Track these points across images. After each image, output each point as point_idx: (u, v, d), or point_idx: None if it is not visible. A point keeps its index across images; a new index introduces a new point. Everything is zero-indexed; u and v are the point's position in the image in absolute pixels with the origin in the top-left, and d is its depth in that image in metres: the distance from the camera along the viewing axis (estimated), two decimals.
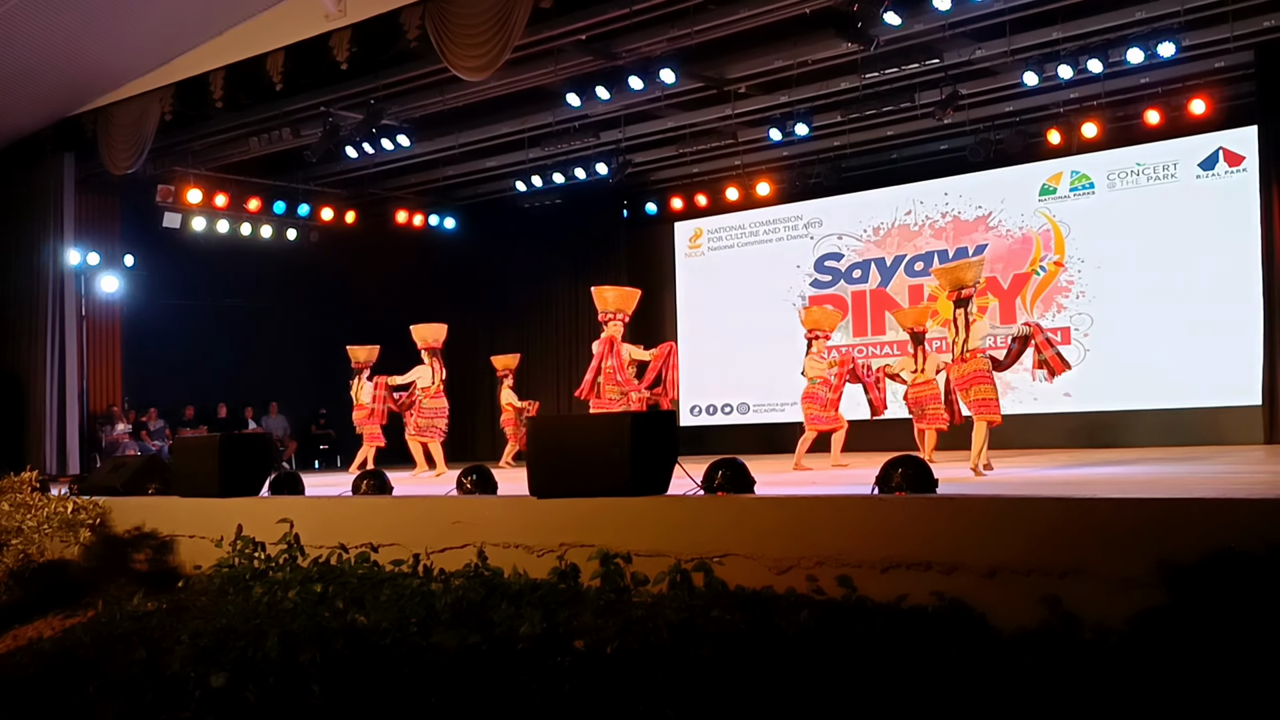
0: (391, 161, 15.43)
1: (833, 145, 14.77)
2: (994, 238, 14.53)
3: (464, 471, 7.06)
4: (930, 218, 15.06)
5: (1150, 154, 13.42)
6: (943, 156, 14.72)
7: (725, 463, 5.90)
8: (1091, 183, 13.90)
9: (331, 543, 6.23)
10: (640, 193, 17.06)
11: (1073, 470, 9.12)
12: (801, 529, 4.99)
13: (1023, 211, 14.34)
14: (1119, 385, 13.51)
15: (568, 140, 14.15)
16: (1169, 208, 13.31)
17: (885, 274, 15.38)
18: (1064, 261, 14.03)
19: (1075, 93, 12.85)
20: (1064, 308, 13.98)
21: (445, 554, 5.92)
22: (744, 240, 16.65)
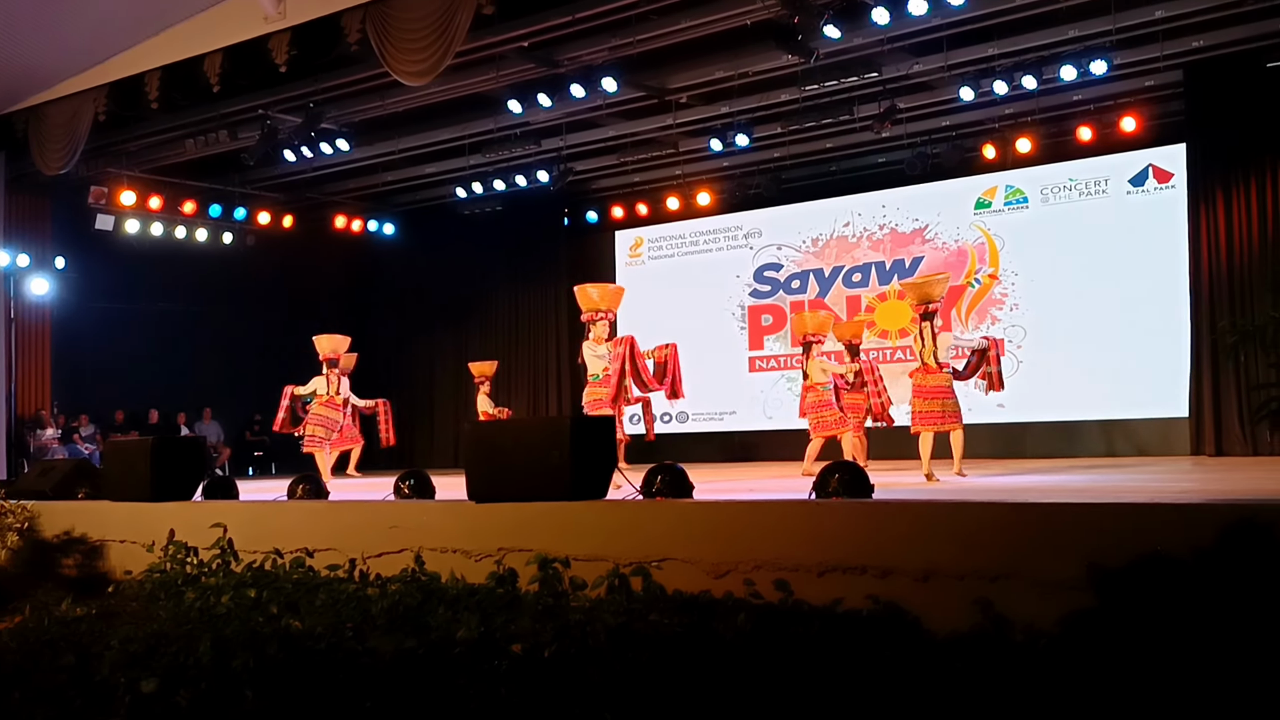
0: (330, 166, 15.31)
1: (773, 157, 14.91)
2: (930, 250, 14.74)
3: (401, 476, 7.01)
4: (868, 229, 15.24)
5: (1082, 169, 13.70)
6: (881, 169, 14.91)
7: (664, 468, 5.92)
8: (1025, 197, 14.15)
9: (266, 548, 6.14)
10: (581, 201, 17.07)
11: (1005, 479, 9.27)
12: (739, 533, 5.01)
13: (958, 224, 14.56)
14: (1051, 397, 13.75)
15: (509, 147, 14.15)
16: (1100, 222, 13.59)
17: (824, 284, 15.53)
18: (998, 274, 14.27)
19: (1010, 108, 13.09)
20: (998, 319, 14.20)
21: (382, 559, 5.86)
22: (684, 249, 16.73)
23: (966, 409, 13.73)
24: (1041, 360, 13.88)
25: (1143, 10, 10.63)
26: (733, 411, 15.87)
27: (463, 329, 17.90)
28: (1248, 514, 3.81)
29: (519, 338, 17.38)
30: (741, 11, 10.47)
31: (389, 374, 18.31)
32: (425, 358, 18.16)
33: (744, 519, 5.11)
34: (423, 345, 18.27)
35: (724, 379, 15.60)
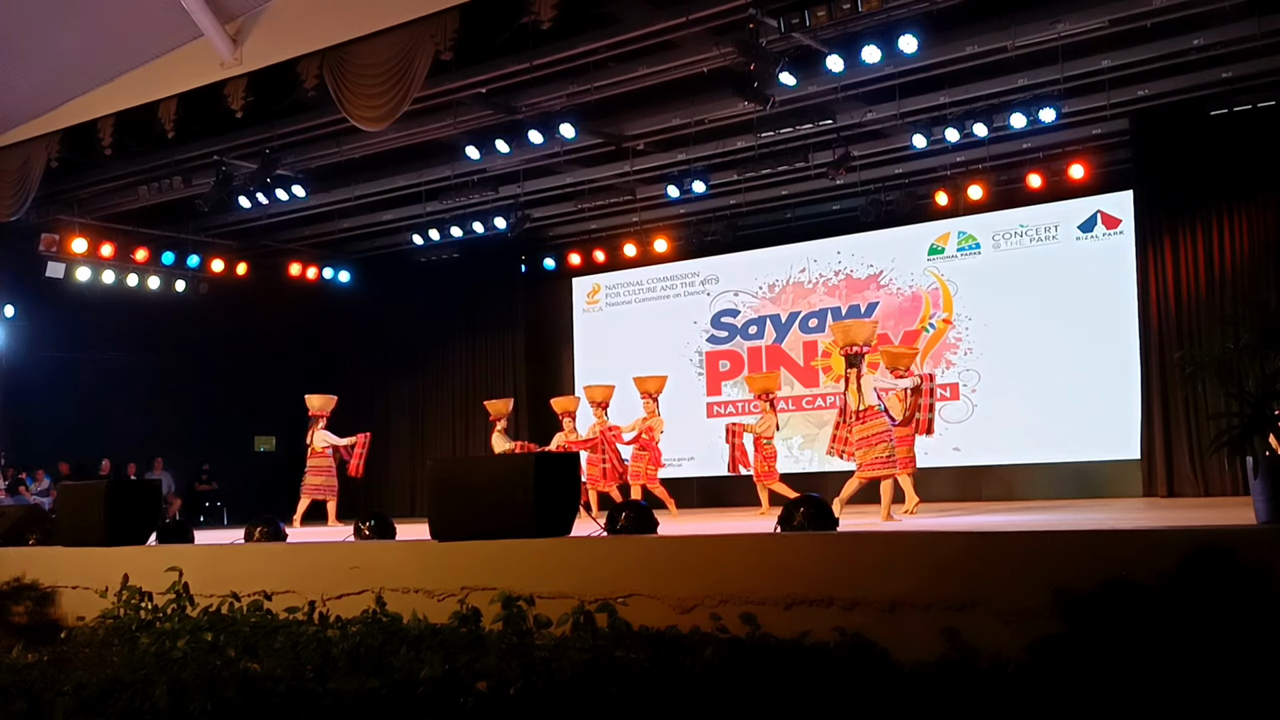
0: (285, 212, 15.25)
1: (729, 203, 15.05)
2: (885, 295, 14.90)
3: (362, 517, 6.93)
4: (824, 275, 15.39)
5: (1033, 216, 13.95)
6: (836, 216, 15.10)
7: (628, 504, 5.91)
8: (978, 243, 14.37)
9: (223, 591, 6.05)
10: (538, 248, 17.12)
11: (964, 518, 9.33)
12: (705, 568, 5.02)
13: (912, 270, 14.75)
14: (1005, 439, 13.89)
15: (466, 194, 14.18)
16: (1051, 267, 13.82)
17: (780, 330, 15.64)
18: (952, 319, 14.45)
19: (961, 156, 13.34)
20: (953, 363, 14.36)
21: (343, 600, 5.81)
22: (641, 296, 16.80)
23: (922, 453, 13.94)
24: (996, 403, 14.03)
25: (1089, 60, 10.89)
26: (690, 458, 15.86)
27: (419, 376, 17.82)
28: (1209, 539, 3.86)
29: (475, 385, 17.32)
30: (698, 59, 10.62)
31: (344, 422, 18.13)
32: (381, 406, 18.03)
33: (709, 553, 5.11)
34: (378, 393, 18.15)
35: (682, 425, 15.60)
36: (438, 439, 17.48)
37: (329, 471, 13.10)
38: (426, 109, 11.62)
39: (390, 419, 17.91)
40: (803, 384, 15.39)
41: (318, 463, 13.10)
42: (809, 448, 15.14)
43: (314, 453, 13.08)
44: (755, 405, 12.40)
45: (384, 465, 17.74)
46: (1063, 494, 13.17)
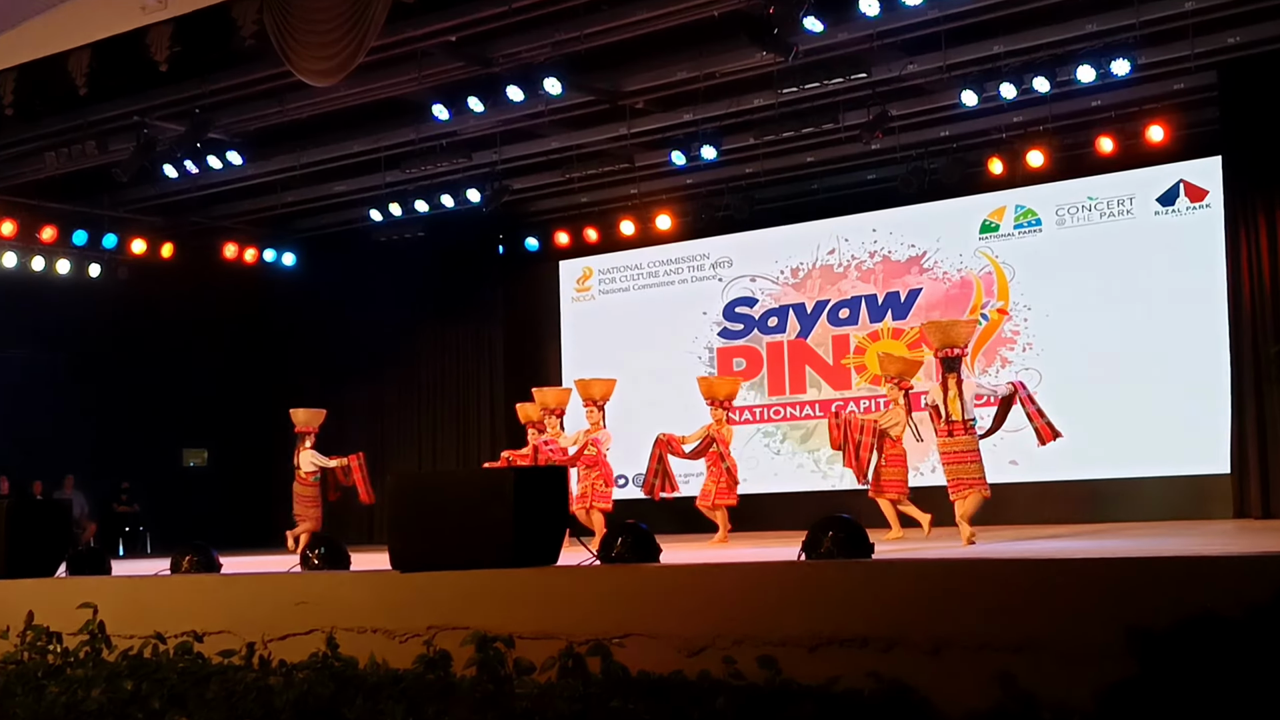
0: (220, 184, 15.28)
1: (744, 172, 15.07)
2: (929, 281, 14.93)
3: (310, 543, 6.95)
4: (857, 257, 15.41)
5: (1103, 187, 13.97)
6: (871, 187, 15.12)
7: (625, 528, 5.93)
8: (1038, 219, 14.39)
9: (145, 632, 6.06)
10: (519, 225, 17.14)
11: (1022, 544, 9.35)
12: (715, 603, 5.03)
13: (961, 251, 14.77)
14: (1071, 452, 13.83)
15: (433, 161, 14.19)
16: (1125, 248, 13.84)
17: (805, 322, 15.67)
18: (1008, 309, 14.47)
19: (1019, 116, 13.35)
20: (1009, 361, 14.38)
21: (287, 642, 5.83)
22: (641, 282, 16.82)
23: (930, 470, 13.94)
24: (1059, 409, 13.94)
25: (1171, 2, 10.89)
26: (699, 474, 15.86)
27: (378, 377, 17.82)
28: None
29: (445, 387, 17.33)
30: (708, 1, 10.61)
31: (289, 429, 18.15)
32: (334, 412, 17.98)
33: (721, 586, 5.13)
34: (331, 397, 18.10)
35: None
36: (400, 450, 17.48)
37: (316, 501, 13.18)
38: (386, 60, 11.63)
39: (344, 427, 17.85)
40: (832, 386, 15.40)
41: (304, 490, 13.16)
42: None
43: (300, 478, 13.16)
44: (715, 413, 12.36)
45: None
46: (1139, 515, 13.18)
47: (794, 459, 15.61)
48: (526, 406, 13.33)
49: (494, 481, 5.81)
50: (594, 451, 12.23)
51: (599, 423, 12.41)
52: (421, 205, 15.41)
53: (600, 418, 12.45)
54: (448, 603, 5.56)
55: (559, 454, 12.32)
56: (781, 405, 15.70)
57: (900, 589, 4.72)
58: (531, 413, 13.19)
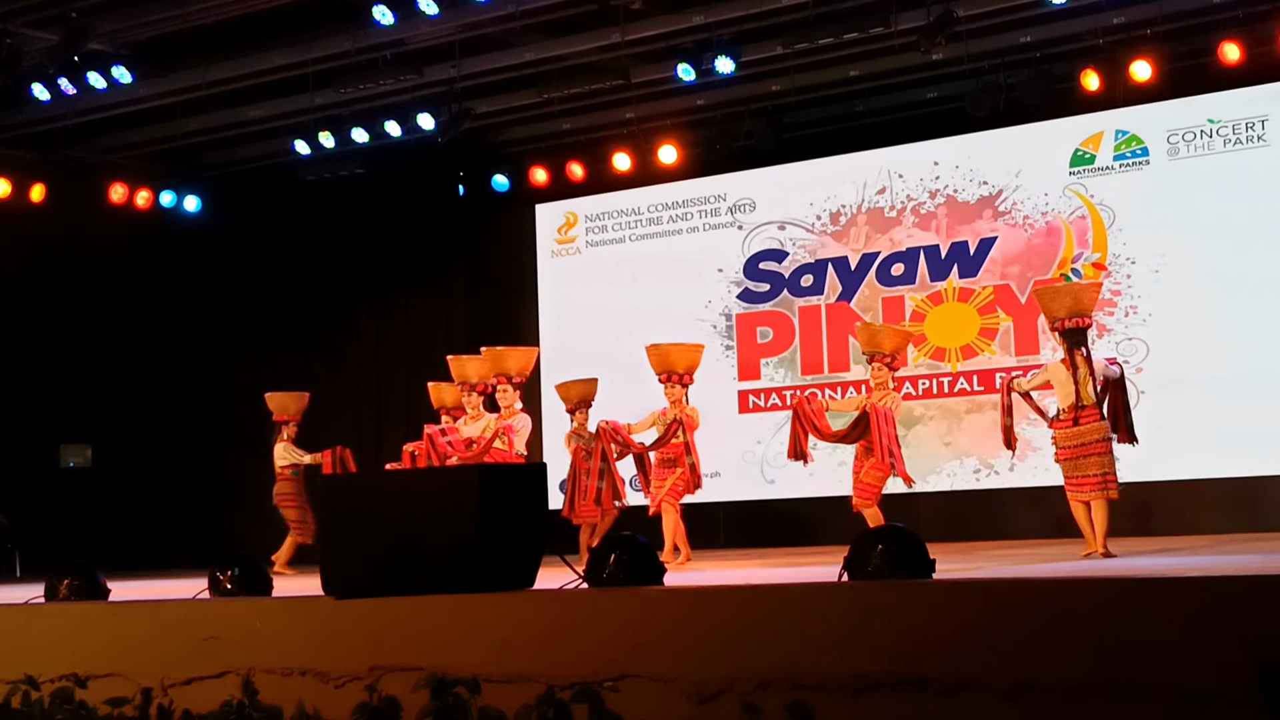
0: (104, 109, 15.24)
1: (770, 90, 15.04)
2: (1005, 227, 14.91)
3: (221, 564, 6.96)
4: (914, 198, 15.39)
5: (1228, 106, 13.95)
6: (931, 109, 15.12)
7: (619, 542, 5.94)
8: (1145, 148, 14.38)
9: (13, 675, 6.06)
10: (485, 159, 17.13)
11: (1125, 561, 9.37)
12: (735, 636, 5.04)
13: (1047, 190, 14.75)
14: (1189, 444, 13.88)
15: (375, 78, 14.16)
16: (1255, 183, 13.85)
17: (848, 281, 15.65)
18: (1106, 262, 14.46)
19: (1120, 16, 13.34)
20: (1107, 329, 14.37)
21: (192, 687, 5.85)
22: (639, 231, 16.80)
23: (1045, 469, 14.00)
24: (1171, 390, 14.03)
25: None
26: (715, 473, 15.87)
27: (307, 350, 17.78)
28: None
29: (392, 361, 17.33)
30: None
31: (196, 421, 18.16)
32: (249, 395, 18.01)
33: (742, 614, 5.13)
34: (245, 376, 18.13)
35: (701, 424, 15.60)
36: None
37: (299, 501, 13.67)
38: None
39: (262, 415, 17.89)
40: None
41: (285, 488, 13.68)
42: None
43: (279, 474, 13.69)
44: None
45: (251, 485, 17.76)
46: (1270, 524, 13.20)
47: (834, 454, 15.53)
48: (442, 387, 13.37)
49: (453, 484, 5.81)
50: (504, 444, 12.06)
51: (512, 405, 12.28)
52: (360, 134, 15.36)
53: (515, 398, 12.33)
54: (395, 637, 5.56)
55: (459, 447, 12.21)
56: (818, 387, 15.64)
57: (969, 617, 4.72)
58: (446, 396, 13.22)
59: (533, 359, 12.83)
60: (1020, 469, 14.09)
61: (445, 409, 13.23)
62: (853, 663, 4.76)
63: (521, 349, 12.82)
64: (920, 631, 4.74)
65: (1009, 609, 4.69)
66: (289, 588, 7.60)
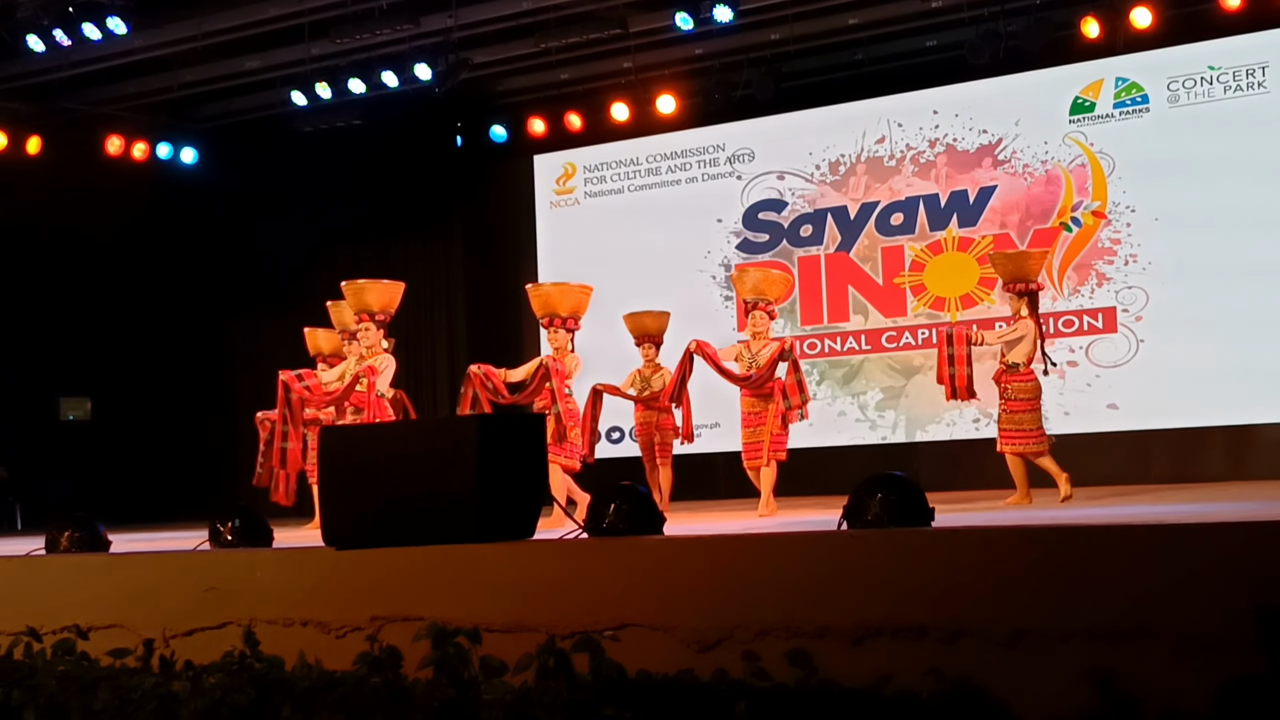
0: (99, 60, 15.17)
1: (769, 39, 14.98)
2: (1005, 176, 14.89)
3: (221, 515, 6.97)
4: (913, 147, 15.36)
5: (1229, 53, 13.93)
6: (931, 56, 15.08)
7: (619, 491, 5.95)
8: (1145, 95, 14.34)
9: (14, 627, 6.08)
10: (482, 110, 17.09)
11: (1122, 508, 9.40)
12: (734, 584, 5.05)
13: (1046, 138, 14.72)
14: (1186, 391, 13.91)
15: (371, 28, 14.10)
16: (1258, 132, 13.81)
17: (848, 231, 15.64)
18: (1106, 210, 14.45)
19: None
20: (1107, 279, 14.37)
21: (194, 638, 5.87)
22: (638, 181, 16.78)
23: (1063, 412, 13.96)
24: (1171, 339, 14.04)
25: None
26: (715, 424, 15.90)
27: (304, 305, 17.71)
28: None
29: None
30: None
31: (195, 373, 18.17)
32: (247, 348, 18.03)
33: (741, 563, 5.14)
34: (241, 331, 18.15)
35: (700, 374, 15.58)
36: None
37: None
38: None
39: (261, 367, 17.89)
40: (882, 312, 15.39)
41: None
42: (891, 406, 15.19)
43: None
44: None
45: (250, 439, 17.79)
46: (1271, 472, 13.22)
47: (834, 405, 15.63)
48: (318, 333, 12.95)
49: (452, 434, 5.82)
50: (364, 386, 11.22)
51: (375, 344, 11.47)
52: (357, 85, 15.29)
53: (379, 337, 11.51)
54: (396, 588, 5.58)
55: (317, 393, 11.44)
56: (818, 337, 15.69)
57: (968, 565, 4.73)
58: (323, 342, 12.73)
59: (398, 294, 11.89)
60: None
61: (322, 356, 12.72)
62: (852, 611, 4.78)
63: (385, 283, 11.86)
64: (919, 579, 4.75)
65: (1008, 556, 4.70)
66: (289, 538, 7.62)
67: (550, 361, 11.05)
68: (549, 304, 11.53)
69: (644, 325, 12.55)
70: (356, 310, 11.57)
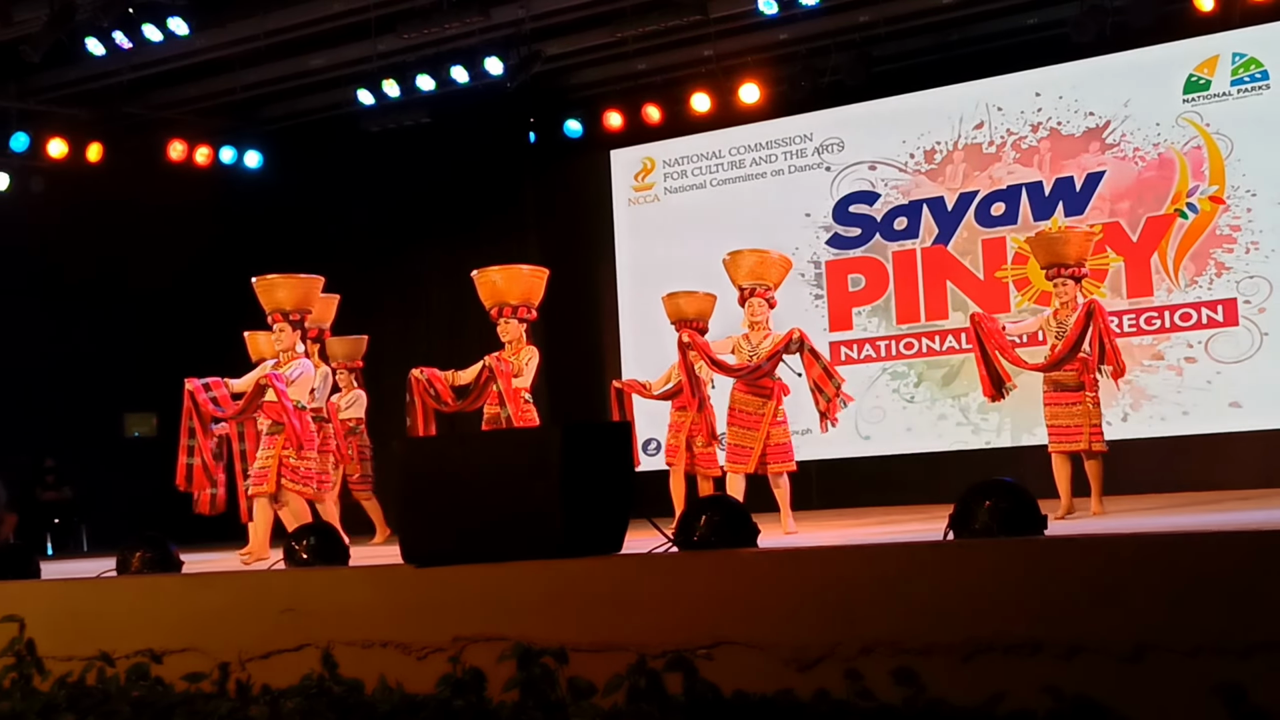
0: (160, 62, 15.35)
1: (858, 21, 14.95)
2: (1114, 161, 14.77)
3: (297, 531, 7.03)
4: (1014, 132, 15.27)
5: None
6: (1032, 36, 14.99)
7: (710, 502, 5.94)
8: (1264, 71, 14.21)
9: (87, 652, 6.17)
10: (557, 104, 17.18)
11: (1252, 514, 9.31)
12: (835, 599, 5.03)
13: (1158, 120, 14.59)
14: None
15: (440, 22, 14.18)
16: None
17: (945, 223, 15.57)
18: (1224, 195, 14.30)
19: None
20: (1226, 268, 14.23)
21: (270, 661, 5.90)
22: (721, 175, 16.78)
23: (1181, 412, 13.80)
24: None
25: None
26: (806, 430, 15.85)
27: (372, 309, 17.87)
28: None
29: (462, 320, 17.37)
30: None
31: None
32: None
33: (842, 577, 5.12)
34: None
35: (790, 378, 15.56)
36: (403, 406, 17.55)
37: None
38: None
39: None
40: (984, 308, 15.22)
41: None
42: (994, 409, 15.06)
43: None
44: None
45: None
46: None
47: (933, 408, 15.55)
48: (258, 336, 12.35)
49: (535, 444, 5.82)
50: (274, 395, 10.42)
51: (290, 347, 10.86)
52: (426, 82, 15.40)
53: (294, 340, 10.86)
54: (479, 606, 5.58)
55: (225, 403, 10.88)
56: (915, 336, 15.62)
57: (1085, 575, 4.68)
58: (264, 345, 11.93)
59: (314, 290, 11.18)
60: (1134, 419, 14.03)
61: (264, 360, 11.89)
62: (961, 626, 4.75)
63: (301, 277, 11.09)
64: (1033, 591, 4.72)
65: (1128, 566, 4.65)
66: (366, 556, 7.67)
67: (494, 361, 10.82)
68: (496, 292, 11.25)
69: (679, 309, 12.07)
70: (269, 309, 10.81)
